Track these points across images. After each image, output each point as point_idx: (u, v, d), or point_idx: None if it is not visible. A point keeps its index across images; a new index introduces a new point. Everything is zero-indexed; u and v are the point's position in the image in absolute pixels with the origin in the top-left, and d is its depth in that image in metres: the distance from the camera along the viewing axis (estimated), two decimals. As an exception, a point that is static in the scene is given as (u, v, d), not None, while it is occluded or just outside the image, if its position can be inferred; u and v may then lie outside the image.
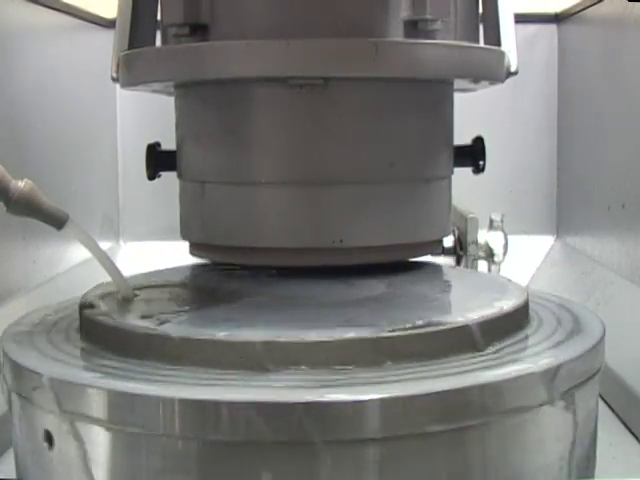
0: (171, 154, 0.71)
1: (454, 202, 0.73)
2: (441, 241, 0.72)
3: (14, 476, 0.57)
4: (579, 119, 1.14)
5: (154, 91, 0.72)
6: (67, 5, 1.02)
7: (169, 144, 0.71)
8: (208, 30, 0.63)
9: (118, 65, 0.68)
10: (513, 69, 0.69)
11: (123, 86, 0.68)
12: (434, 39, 0.62)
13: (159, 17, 0.70)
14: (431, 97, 0.66)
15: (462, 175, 0.73)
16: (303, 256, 0.64)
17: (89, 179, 1.12)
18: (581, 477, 0.55)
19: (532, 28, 1.21)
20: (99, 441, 0.49)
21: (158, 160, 0.73)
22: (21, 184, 0.56)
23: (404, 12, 0.62)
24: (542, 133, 1.23)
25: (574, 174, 1.17)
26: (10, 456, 0.59)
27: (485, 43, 0.71)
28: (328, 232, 0.63)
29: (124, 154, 1.24)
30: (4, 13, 0.85)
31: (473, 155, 0.73)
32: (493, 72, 0.67)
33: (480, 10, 0.71)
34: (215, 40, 0.63)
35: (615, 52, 0.98)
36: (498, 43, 0.70)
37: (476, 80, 0.67)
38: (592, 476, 0.57)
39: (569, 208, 1.19)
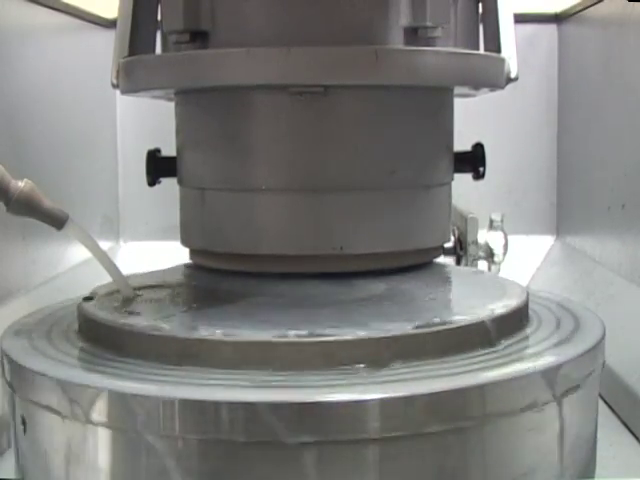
0: (171, 160, 0.71)
1: (454, 202, 0.73)
2: (441, 247, 0.72)
3: (14, 476, 0.57)
4: (579, 119, 1.14)
5: (154, 97, 0.73)
6: (67, 5, 1.02)
7: (169, 143, 0.71)
8: (208, 37, 0.63)
9: (118, 71, 0.68)
10: (513, 75, 0.69)
11: (123, 92, 0.68)
12: (434, 46, 0.62)
13: (159, 22, 0.70)
14: (431, 104, 0.66)
15: (462, 175, 0.73)
16: (303, 263, 0.64)
17: (89, 179, 1.12)
18: (581, 477, 0.55)
19: (532, 28, 1.21)
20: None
21: (158, 166, 0.74)
22: (21, 184, 0.56)
23: (404, 19, 0.62)
24: (542, 133, 1.23)
25: (574, 174, 1.17)
26: (10, 456, 0.59)
27: (485, 49, 0.71)
28: (328, 239, 0.63)
29: (124, 154, 1.24)
30: (4, 13, 0.85)
31: (473, 161, 0.73)
32: (493, 79, 0.67)
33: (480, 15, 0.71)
34: (215, 47, 0.63)
35: (615, 52, 0.98)
36: (498, 49, 0.70)
37: (476, 87, 0.67)
38: (592, 476, 0.57)
39: (569, 208, 1.19)
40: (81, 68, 1.07)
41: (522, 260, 1.15)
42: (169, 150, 0.72)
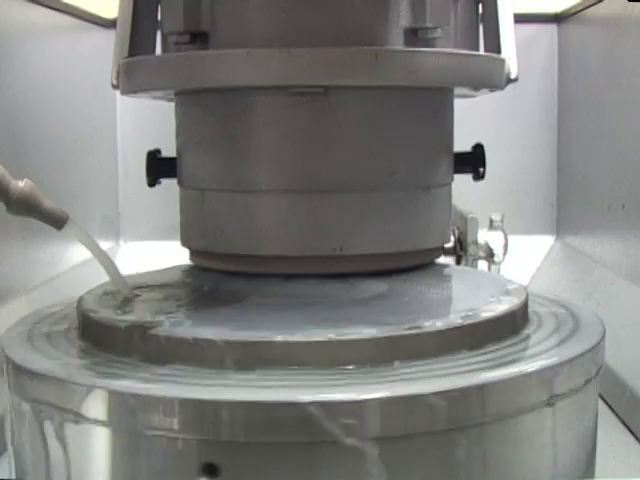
0: (171, 161, 0.71)
1: (454, 202, 0.73)
2: (442, 248, 0.72)
3: (14, 476, 0.57)
4: (579, 119, 1.14)
5: (154, 98, 0.73)
6: (67, 5, 1.02)
7: (169, 143, 0.71)
8: (208, 38, 0.63)
9: (118, 72, 0.68)
10: (513, 76, 0.69)
11: (123, 93, 0.68)
12: (434, 47, 0.62)
13: (159, 22, 0.70)
14: (431, 105, 0.66)
15: (462, 175, 0.73)
16: (303, 264, 0.64)
17: (89, 179, 1.12)
18: (581, 477, 0.55)
19: (532, 28, 1.22)
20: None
21: (158, 167, 0.74)
22: (21, 184, 0.56)
23: (404, 20, 0.62)
24: (542, 133, 1.23)
25: (574, 174, 1.17)
26: (10, 456, 0.59)
27: (485, 50, 0.71)
28: (328, 240, 0.63)
29: (124, 154, 1.24)
30: (4, 13, 0.85)
31: (473, 162, 0.73)
32: (493, 80, 0.67)
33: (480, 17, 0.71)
34: (215, 48, 0.63)
35: (615, 52, 0.98)
36: (498, 50, 0.70)
37: (476, 88, 0.67)
38: (592, 476, 0.57)
39: (569, 208, 1.19)
40: (81, 68, 1.07)
41: (522, 260, 1.15)
42: (169, 150, 0.72)
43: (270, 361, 0.50)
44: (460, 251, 0.88)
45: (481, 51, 0.71)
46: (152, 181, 0.74)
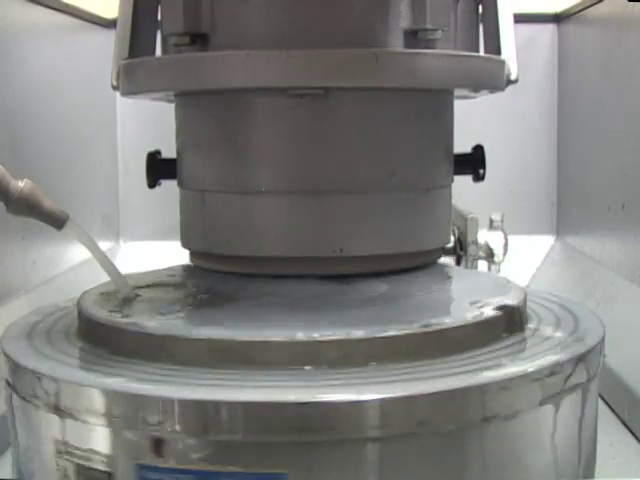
0: (171, 162, 0.71)
1: (454, 202, 0.73)
2: (441, 249, 0.72)
3: (14, 476, 0.57)
4: (579, 119, 1.14)
5: (154, 99, 0.73)
6: (67, 5, 1.02)
7: (169, 144, 0.71)
8: (208, 40, 0.63)
9: (118, 73, 0.68)
10: (513, 77, 0.69)
11: (123, 94, 0.68)
12: (434, 48, 0.62)
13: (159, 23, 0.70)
14: (431, 106, 0.66)
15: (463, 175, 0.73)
16: (303, 265, 0.64)
17: (89, 179, 1.12)
18: (581, 477, 0.55)
19: (532, 28, 1.22)
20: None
21: (158, 168, 0.74)
22: (21, 184, 0.56)
23: (404, 22, 0.62)
24: (542, 133, 1.24)
25: (574, 174, 1.17)
26: (10, 456, 0.59)
27: (485, 51, 0.71)
28: (328, 241, 0.63)
29: (124, 154, 1.24)
30: (4, 13, 0.85)
31: (473, 163, 0.73)
32: (493, 81, 0.67)
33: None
34: (215, 50, 0.63)
35: (615, 52, 0.98)
36: (498, 51, 0.70)
37: (476, 89, 0.67)
38: (592, 476, 0.57)
39: (569, 208, 1.19)
40: (81, 68, 1.07)
41: (522, 260, 1.15)
42: (169, 151, 0.72)
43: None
44: (460, 251, 0.88)
45: (481, 52, 0.71)
46: (152, 182, 0.74)
